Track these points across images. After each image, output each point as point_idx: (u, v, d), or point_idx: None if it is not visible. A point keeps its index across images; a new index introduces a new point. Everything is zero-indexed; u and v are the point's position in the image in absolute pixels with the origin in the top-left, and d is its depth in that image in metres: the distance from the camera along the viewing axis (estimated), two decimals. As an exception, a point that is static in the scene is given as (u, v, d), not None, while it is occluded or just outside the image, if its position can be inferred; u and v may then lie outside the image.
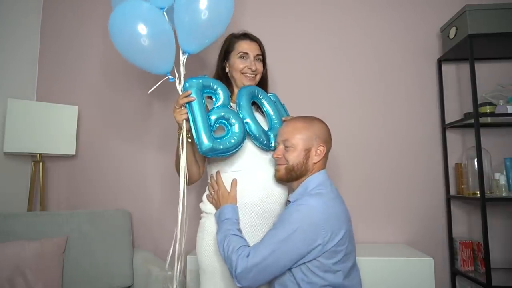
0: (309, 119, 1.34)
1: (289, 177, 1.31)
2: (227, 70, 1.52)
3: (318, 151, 1.28)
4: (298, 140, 1.28)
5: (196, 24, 1.37)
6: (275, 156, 1.33)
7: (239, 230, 1.27)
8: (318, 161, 1.28)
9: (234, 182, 1.36)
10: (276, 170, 1.34)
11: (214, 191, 1.39)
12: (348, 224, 1.23)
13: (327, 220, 1.14)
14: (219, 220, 1.30)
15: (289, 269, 1.18)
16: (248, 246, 1.20)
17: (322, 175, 1.29)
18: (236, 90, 1.53)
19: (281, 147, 1.31)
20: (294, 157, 1.28)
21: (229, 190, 1.37)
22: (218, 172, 1.40)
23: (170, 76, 1.41)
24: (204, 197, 1.47)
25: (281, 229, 1.14)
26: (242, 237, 1.24)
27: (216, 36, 1.45)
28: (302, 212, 1.15)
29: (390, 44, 2.22)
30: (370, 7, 2.26)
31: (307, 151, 1.27)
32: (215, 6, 1.36)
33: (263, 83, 1.56)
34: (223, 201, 1.34)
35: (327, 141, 1.31)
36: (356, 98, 2.20)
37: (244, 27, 1.61)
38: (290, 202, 1.29)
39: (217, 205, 1.36)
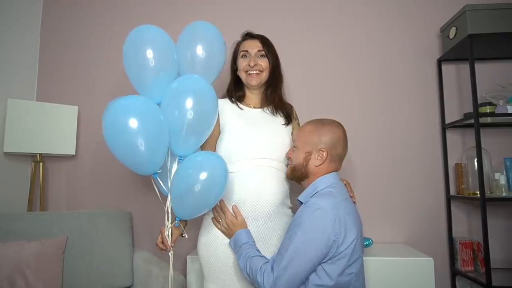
0: (320, 123, 1.34)
1: (292, 177, 1.35)
2: (238, 72, 1.54)
3: (319, 155, 1.28)
4: (302, 142, 1.32)
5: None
6: (287, 155, 1.40)
7: (258, 250, 1.29)
8: (320, 165, 1.28)
9: (236, 209, 1.37)
10: (287, 169, 1.40)
11: (221, 219, 1.39)
12: (359, 225, 1.24)
13: (338, 218, 1.15)
14: (236, 246, 1.32)
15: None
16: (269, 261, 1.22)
17: (333, 177, 1.30)
18: (247, 92, 1.55)
19: (292, 147, 1.38)
20: (296, 158, 1.32)
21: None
22: (221, 200, 1.40)
23: (176, 221, 1.37)
24: None
25: (295, 235, 1.16)
26: (262, 256, 1.26)
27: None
28: (313, 215, 1.16)
29: (390, 44, 2.22)
30: (370, 7, 2.26)
31: (308, 154, 1.29)
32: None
33: (273, 83, 1.54)
34: (235, 228, 1.34)
35: (334, 146, 1.29)
36: (356, 98, 2.20)
37: (243, 27, 1.61)
38: (299, 202, 1.30)
39: (229, 233, 1.37)
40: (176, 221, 1.36)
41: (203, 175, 1.24)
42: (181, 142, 1.31)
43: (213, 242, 1.40)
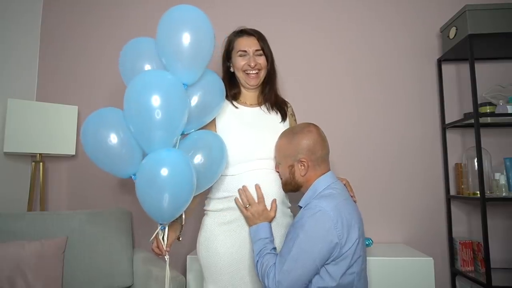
0: (291, 133, 1.33)
1: (288, 190, 1.36)
2: (232, 70, 1.51)
3: (301, 166, 1.27)
4: (282, 157, 1.33)
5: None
6: (275, 170, 1.39)
7: (274, 248, 1.28)
8: (306, 174, 1.28)
9: (274, 205, 1.35)
10: (281, 184, 1.39)
11: (249, 204, 1.33)
12: (361, 224, 1.24)
13: (341, 220, 1.15)
14: (255, 237, 1.30)
15: None
16: None
17: (330, 177, 1.29)
18: (243, 90, 1.52)
19: (276, 163, 1.37)
20: (282, 173, 1.34)
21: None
22: (258, 185, 1.35)
23: (161, 226, 1.27)
24: (207, 198, 1.47)
25: (298, 238, 1.15)
26: (275, 253, 1.25)
27: None
28: (315, 217, 1.15)
29: (390, 44, 2.22)
30: (370, 7, 2.26)
31: (291, 167, 1.29)
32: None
33: (270, 80, 1.51)
34: (262, 218, 1.31)
35: (312, 151, 1.27)
36: (356, 98, 2.20)
37: (242, 24, 1.58)
38: (300, 207, 1.29)
39: (252, 219, 1.32)
40: (161, 226, 1.26)
41: (163, 171, 1.12)
42: (145, 139, 1.20)
43: (213, 242, 1.39)
